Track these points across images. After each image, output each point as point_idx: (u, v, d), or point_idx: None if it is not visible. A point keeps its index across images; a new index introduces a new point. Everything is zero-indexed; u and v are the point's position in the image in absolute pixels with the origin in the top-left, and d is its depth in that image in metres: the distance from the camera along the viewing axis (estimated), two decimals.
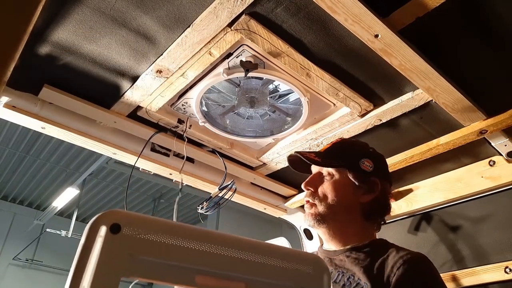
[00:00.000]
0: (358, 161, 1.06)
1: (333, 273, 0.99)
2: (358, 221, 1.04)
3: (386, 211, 1.08)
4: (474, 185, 1.48)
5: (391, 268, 0.88)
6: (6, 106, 1.18)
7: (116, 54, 1.09)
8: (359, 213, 1.05)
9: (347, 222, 1.04)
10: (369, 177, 1.05)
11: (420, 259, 0.93)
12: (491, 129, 1.23)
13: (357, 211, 1.04)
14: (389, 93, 1.21)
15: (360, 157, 1.07)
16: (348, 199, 1.04)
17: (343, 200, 1.03)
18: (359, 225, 1.04)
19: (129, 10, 0.95)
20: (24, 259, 7.58)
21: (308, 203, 1.07)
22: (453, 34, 1.00)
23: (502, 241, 1.41)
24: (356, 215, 1.04)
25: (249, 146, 1.56)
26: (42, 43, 1.04)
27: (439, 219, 1.63)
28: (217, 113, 1.39)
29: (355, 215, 1.04)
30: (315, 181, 1.08)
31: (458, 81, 1.11)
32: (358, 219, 1.04)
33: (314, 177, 1.09)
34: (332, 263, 1.02)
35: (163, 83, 1.17)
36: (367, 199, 1.04)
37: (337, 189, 1.04)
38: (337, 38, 1.02)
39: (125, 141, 1.41)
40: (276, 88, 1.30)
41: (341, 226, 1.04)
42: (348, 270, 0.96)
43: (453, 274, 1.48)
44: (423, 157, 1.42)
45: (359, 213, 1.05)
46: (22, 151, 6.04)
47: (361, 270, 0.93)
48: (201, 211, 1.39)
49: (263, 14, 0.95)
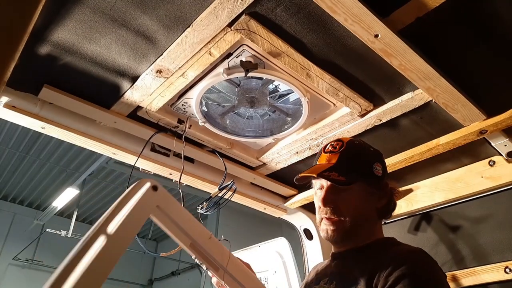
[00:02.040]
0: (371, 167, 1.04)
1: (337, 276, 1.00)
2: (373, 224, 1.06)
3: (395, 207, 1.10)
4: (474, 185, 1.48)
5: (388, 265, 0.88)
6: (6, 106, 1.18)
7: (116, 54, 1.09)
8: (376, 218, 1.06)
9: (367, 229, 1.04)
10: (381, 181, 1.05)
11: (418, 253, 0.92)
12: (491, 129, 1.23)
13: (375, 217, 1.05)
14: (389, 93, 1.21)
15: (372, 163, 1.05)
16: (368, 208, 1.04)
17: (364, 212, 1.03)
18: (373, 227, 1.05)
19: (129, 10, 0.95)
20: (24, 259, 7.58)
21: (330, 220, 1.01)
22: (453, 34, 1.00)
23: (502, 241, 1.41)
24: (374, 220, 1.06)
25: (249, 146, 1.56)
26: (42, 43, 1.04)
27: (439, 219, 1.63)
28: (217, 113, 1.39)
29: (373, 221, 1.05)
30: (332, 197, 1.02)
31: (458, 81, 1.11)
32: (374, 223, 1.06)
33: (329, 192, 1.02)
34: (337, 266, 1.04)
35: (163, 83, 1.16)
36: (382, 203, 1.05)
37: (357, 202, 1.02)
38: (337, 38, 1.02)
39: (125, 141, 1.40)
40: (276, 88, 1.30)
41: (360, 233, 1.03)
42: (350, 272, 0.97)
43: (453, 274, 1.48)
44: (423, 157, 1.42)
45: (376, 218, 1.06)
46: (22, 151, 6.04)
47: (361, 271, 0.93)
48: (201, 211, 1.39)
49: (263, 14, 0.95)
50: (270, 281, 2.02)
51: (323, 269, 1.10)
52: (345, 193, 1.01)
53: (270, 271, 2.02)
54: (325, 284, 1.02)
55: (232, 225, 6.98)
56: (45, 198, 7.54)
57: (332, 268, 1.05)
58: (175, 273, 8.70)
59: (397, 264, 0.87)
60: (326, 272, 1.07)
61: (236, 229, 6.96)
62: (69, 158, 6.14)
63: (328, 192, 1.02)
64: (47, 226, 7.20)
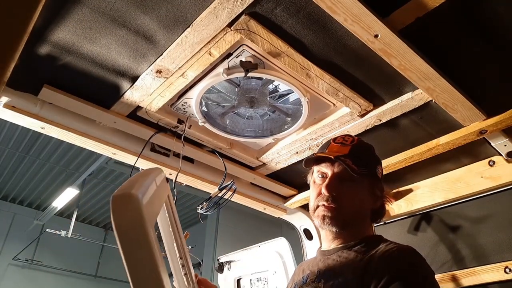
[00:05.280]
0: (375, 168, 1.06)
1: (325, 273, 0.99)
2: (366, 224, 1.06)
3: (385, 213, 1.11)
4: (474, 185, 1.48)
5: (377, 263, 0.88)
6: (6, 106, 1.18)
7: (116, 54, 1.09)
8: (369, 218, 1.07)
9: (359, 227, 1.04)
10: (379, 184, 1.07)
11: (406, 251, 0.92)
12: (491, 129, 1.23)
13: (368, 217, 1.06)
14: (389, 93, 1.21)
15: (376, 164, 1.07)
16: (365, 207, 1.04)
17: (361, 209, 1.04)
18: (363, 227, 1.05)
19: (129, 10, 0.95)
20: (24, 259, 7.58)
21: (328, 207, 1.00)
22: (453, 34, 1.00)
23: (502, 241, 1.41)
24: (367, 221, 1.06)
25: (249, 146, 1.56)
26: (42, 43, 1.04)
27: (439, 219, 1.63)
28: (217, 113, 1.38)
29: (366, 221, 1.06)
30: (336, 185, 1.01)
31: (458, 81, 1.11)
32: (366, 223, 1.07)
33: (335, 180, 1.02)
34: (325, 263, 1.02)
35: (163, 83, 1.17)
36: (378, 205, 1.06)
37: (359, 197, 1.02)
38: (337, 38, 1.02)
39: (125, 141, 1.40)
40: (276, 88, 1.30)
41: (351, 231, 1.03)
42: (339, 270, 0.96)
43: (453, 274, 1.48)
44: (423, 157, 1.42)
45: (369, 218, 1.07)
46: (22, 151, 6.04)
47: (350, 269, 0.93)
48: (201, 211, 1.39)
49: (263, 14, 0.95)
50: (270, 281, 2.02)
51: (310, 268, 1.08)
52: (349, 185, 1.01)
53: (270, 271, 2.02)
54: (313, 283, 1.00)
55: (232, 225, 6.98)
56: (45, 198, 7.54)
57: (320, 266, 1.03)
58: None
59: (388, 263, 0.87)
60: (313, 270, 1.04)
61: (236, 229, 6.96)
62: (69, 158, 6.14)
63: (334, 179, 1.02)
64: (47, 226, 7.20)
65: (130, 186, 0.55)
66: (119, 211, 0.51)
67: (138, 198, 0.52)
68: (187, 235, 1.15)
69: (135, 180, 0.59)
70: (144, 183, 0.60)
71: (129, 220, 0.50)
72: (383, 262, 0.88)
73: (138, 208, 0.51)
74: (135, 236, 0.50)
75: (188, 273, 0.87)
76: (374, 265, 0.88)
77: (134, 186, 0.55)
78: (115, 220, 0.50)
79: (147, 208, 0.54)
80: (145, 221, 0.51)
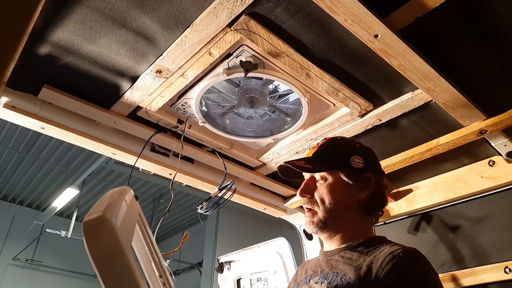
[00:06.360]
0: (347, 159, 1.05)
1: (329, 274, 0.99)
2: (357, 218, 1.05)
3: (384, 203, 1.09)
4: (474, 185, 1.48)
5: (381, 264, 0.88)
6: (6, 106, 1.18)
7: (116, 54, 1.09)
8: (357, 211, 1.05)
9: (347, 221, 1.04)
10: (362, 174, 1.05)
11: (411, 253, 0.91)
12: (490, 129, 1.23)
13: (355, 209, 1.05)
14: (389, 93, 1.21)
15: (349, 155, 1.06)
16: (345, 199, 1.04)
17: (340, 202, 1.03)
18: (357, 221, 1.05)
19: (129, 10, 0.95)
20: (24, 259, 7.58)
21: (309, 211, 1.06)
22: (453, 34, 1.00)
23: (502, 241, 1.41)
24: (355, 213, 1.05)
25: (249, 146, 1.56)
26: (42, 43, 1.04)
27: (439, 219, 1.63)
28: (217, 113, 1.38)
29: (354, 214, 1.05)
30: (309, 187, 1.07)
31: (458, 81, 1.11)
32: (357, 217, 1.05)
33: (308, 183, 1.08)
34: (328, 264, 1.02)
35: (163, 83, 1.17)
36: (364, 195, 1.05)
37: (332, 192, 1.03)
38: (337, 38, 1.02)
39: (125, 141, 1.40)
40: (276, 88, 1.30)
41: (341, 227, 1.04)
42: (342, 270, 0.96)
43: (453, 274, 1.48)
44: (423, 157, 1.42)
45: (357, 211, 1.05)
46: (22, 151, 6.04)
47: (353, 269, 0.92)
48: (201, 211, 1.39)
49: (263, 14, 0.95)
50: (270, 281, 2.02)
51: (313, 268, 1.09)
52: (323, 185, 1.05)
53: (270, 271, 2.02)
54: (316, 284, 1.00)
55: (232, 225, 6.99)
56: (45, 198, 7.55)
57: (323, 267, 1.04)
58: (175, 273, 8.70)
59: (392, 265, 0.86)
60: (316, 271, 1.05)
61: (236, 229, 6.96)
62: (69, 158, 6.14)
63: (306, 183, 1.09)
64: (47, 226, 7.21)
65: (100, 208, 0.50)
66: (93, 237, 0.47)
67: (111, 221, 0.47)
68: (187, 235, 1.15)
69: (104, 201, 0.55)
70: (114, 204, 0.55)
71: (105, 247, 0.46)
72: (388, 263, 0.87)
73: (113, 232, 0.47)
74: (113, 262, 0.46)
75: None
76: (378, 266, 0.88)
77: (104, 208, 0.50)
78: (89, 248, 0.46)
79: (122, 230, 0.50)
80: (122, 245, 0.47)
